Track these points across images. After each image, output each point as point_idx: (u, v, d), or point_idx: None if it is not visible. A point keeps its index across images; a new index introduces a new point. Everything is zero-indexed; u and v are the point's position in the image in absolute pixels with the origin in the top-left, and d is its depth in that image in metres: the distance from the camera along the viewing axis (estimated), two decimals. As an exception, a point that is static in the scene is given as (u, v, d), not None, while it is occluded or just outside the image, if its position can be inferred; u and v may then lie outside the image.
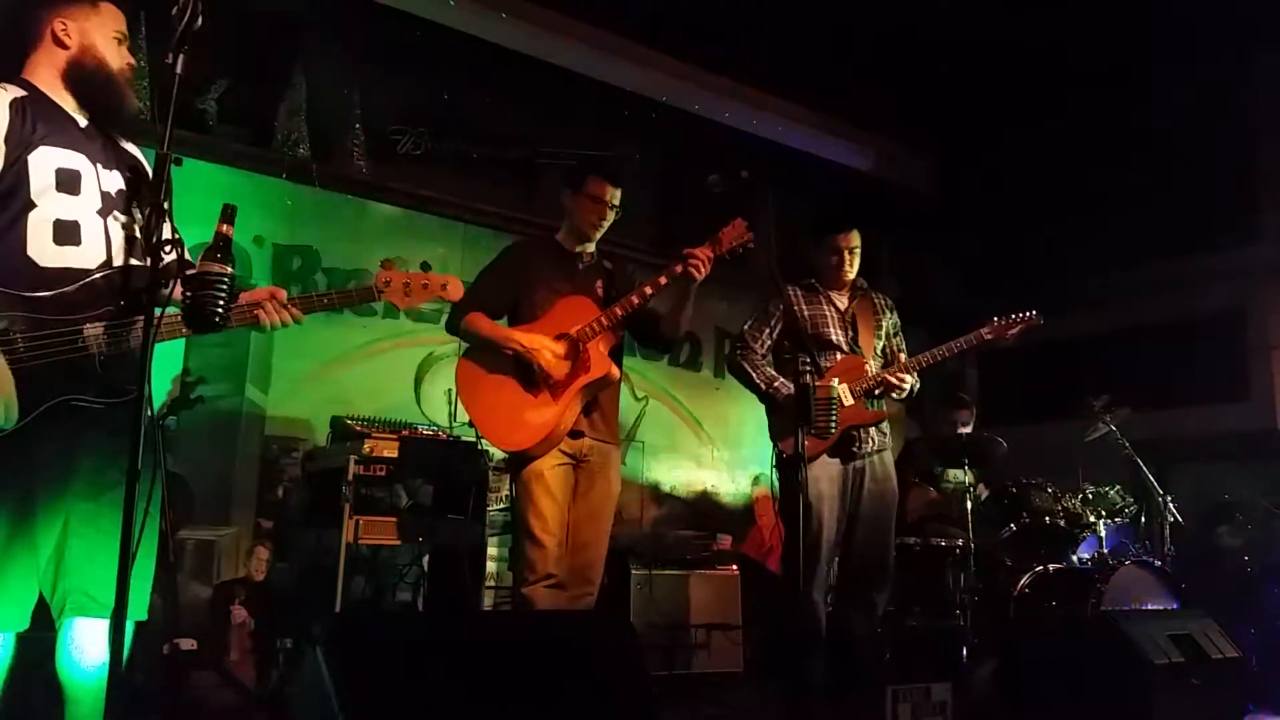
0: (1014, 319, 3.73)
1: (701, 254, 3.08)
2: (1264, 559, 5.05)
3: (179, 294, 1.96)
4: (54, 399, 1.99)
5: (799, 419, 2.87)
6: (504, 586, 4.68)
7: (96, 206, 2.14)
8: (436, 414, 5.10)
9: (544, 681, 1.96)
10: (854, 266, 3.72)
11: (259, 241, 5.06)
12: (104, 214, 2.15)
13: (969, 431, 5.30)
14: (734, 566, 5.37)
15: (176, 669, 3.72)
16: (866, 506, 3.58)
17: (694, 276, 3.09)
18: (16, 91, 2.11)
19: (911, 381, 3.62)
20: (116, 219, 2.17)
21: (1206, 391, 6.20)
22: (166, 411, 4.23)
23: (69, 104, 2.19)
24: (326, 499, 4.07)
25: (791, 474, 3.42)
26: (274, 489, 4.89)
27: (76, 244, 2.08)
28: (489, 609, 4.50)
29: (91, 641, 2.04)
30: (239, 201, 2.07)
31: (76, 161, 2.13)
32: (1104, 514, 4.69)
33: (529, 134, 5.81)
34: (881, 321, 3.79)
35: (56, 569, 2.03)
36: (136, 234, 2.19)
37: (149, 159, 1.96)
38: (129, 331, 2.05)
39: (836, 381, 3.45)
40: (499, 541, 4.69)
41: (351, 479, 3.94)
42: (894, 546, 3.73)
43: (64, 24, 2.18)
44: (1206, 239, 6.08)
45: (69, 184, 2.10)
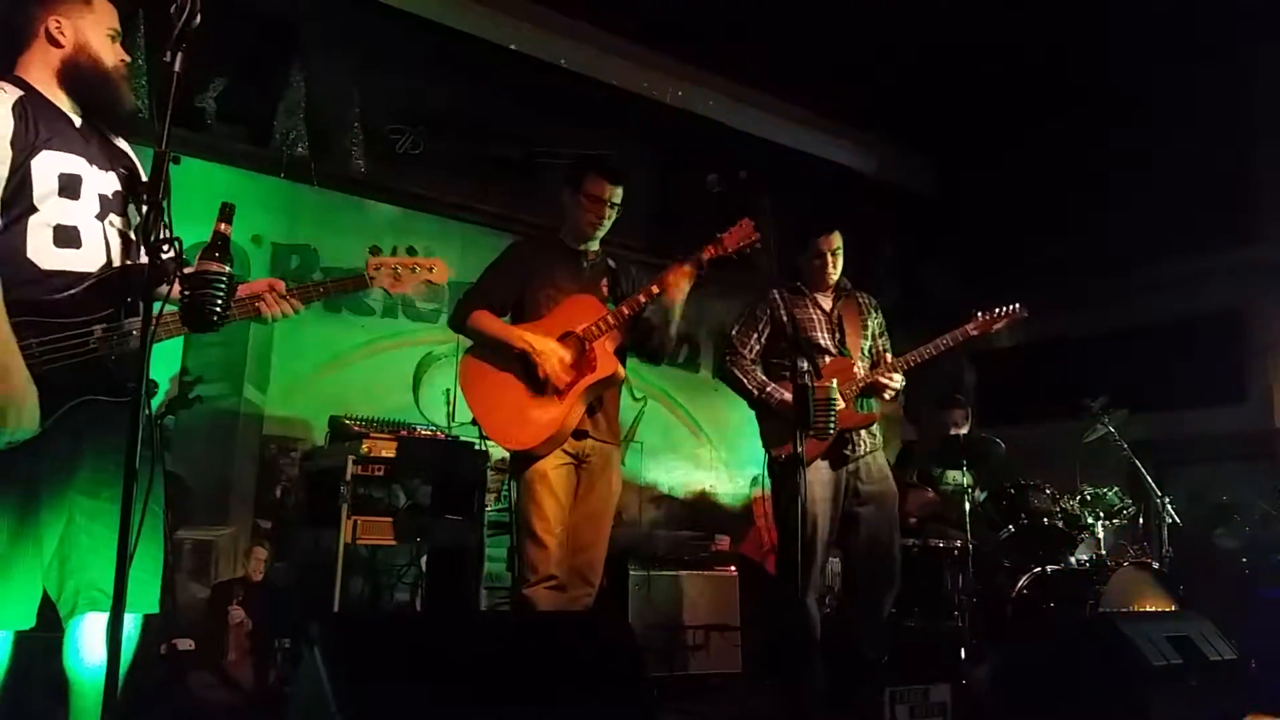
0: (999, 313, 3.72)
1: (680, 272, 3.09)
2: (1262, 560, 5.05)
3: (177, 293, 1.95)
4: (71, 401, 2.00)
5: (799, 421, 2.87)
6: (502, 587, 4.68)
7: (95, 211, 2.13)
8: (435, 414, 5.09)
9: (541, 682, 1.96)
10: (837, 268, 3.71)
11: (257, 240, 5.05)
12: (101, 217, 2.14)
13: (964, 433, 5.30)
14: (732, 567, 5.37)
15: (174, 669, 3.71)
16: (867, 509, 3.57)
17: (672, 297, 3.10)
18: (16, 92, 2.09)
19: (900, 381, 3.61)
20: (113, 224, 2.17)
21: (1204, 393, 6.19)
22: (165, 411, 4.23)
23: (64, 103, 2.18)
24: (324, 499, 4.07)
25: (787, 478, 3.41)
26: (272, 489, 4.87)
27: (77, 247, 2.08)
28: (487, 609, 4.50)
29: (102, 637, 2.03)
30: (237, 200, 2.06)
31: (77, 166, 2.12)
32: (1102, 515, 4.70)
33: (528, 133, 5.80)
34: (867, 322, 3.77)
35: (62, 567, 2.03)
36: (132, 235, 2.18)
37: (147, 157, 1.95)
38: (135, 331, 2.05)
39: (835, 382, 3.45)
40: (495, 542, 4.67)
41: (349, 479, 3.93)
42: (899, 548, 3.72)
43: (58, 22, 2.16)
44: (1205, 240, 6.07)
45: (70, 189, 2.09)
